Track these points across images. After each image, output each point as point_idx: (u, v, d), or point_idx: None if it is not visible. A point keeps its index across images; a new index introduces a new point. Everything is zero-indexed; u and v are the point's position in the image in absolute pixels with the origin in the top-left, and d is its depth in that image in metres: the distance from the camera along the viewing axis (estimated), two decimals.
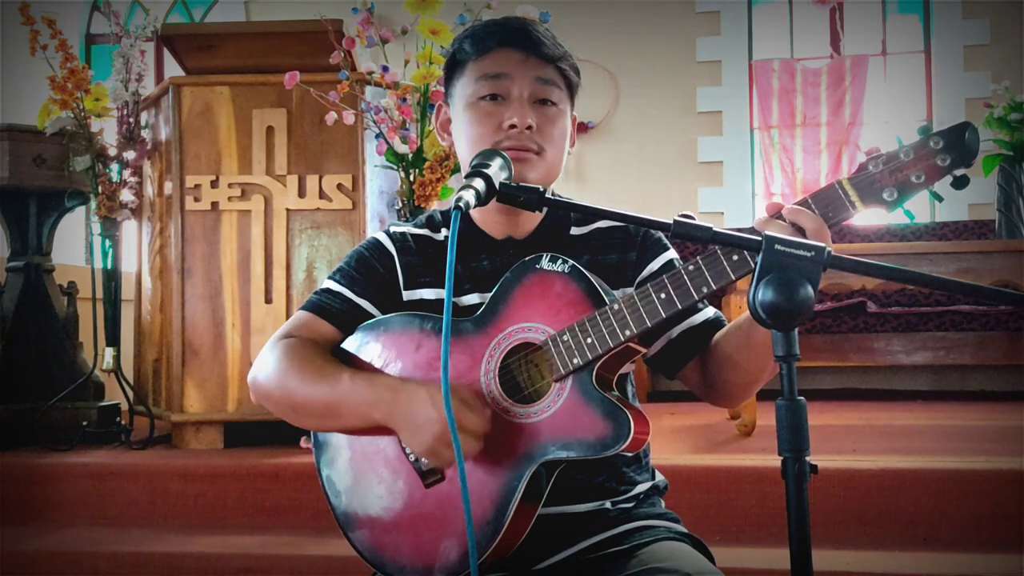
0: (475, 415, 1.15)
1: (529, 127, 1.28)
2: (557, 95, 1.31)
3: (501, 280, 1.24)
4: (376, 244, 1.39)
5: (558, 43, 1.32)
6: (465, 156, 1.34)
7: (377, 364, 1.29)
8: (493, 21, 1.35)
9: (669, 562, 1.19)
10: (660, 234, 1.37)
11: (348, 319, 1.33)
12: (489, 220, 1.36)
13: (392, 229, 1.41)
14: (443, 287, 1.31)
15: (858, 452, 2.62)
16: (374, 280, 1.36)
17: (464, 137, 1.33)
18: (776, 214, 1.10)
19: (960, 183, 1.03)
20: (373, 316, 1.33)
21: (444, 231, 1.39)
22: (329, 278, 1.38)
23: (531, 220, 1.35)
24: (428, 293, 1.35)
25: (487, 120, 1.29)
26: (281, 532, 2.49)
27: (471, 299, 1.32)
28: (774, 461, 0.97)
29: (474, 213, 1.36)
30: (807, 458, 0.93)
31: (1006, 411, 3.81)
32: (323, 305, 1.34)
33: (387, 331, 1.30)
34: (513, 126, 1.27)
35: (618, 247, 1.35)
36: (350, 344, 1.32)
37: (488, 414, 1.17)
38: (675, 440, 3.01)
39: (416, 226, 1.41)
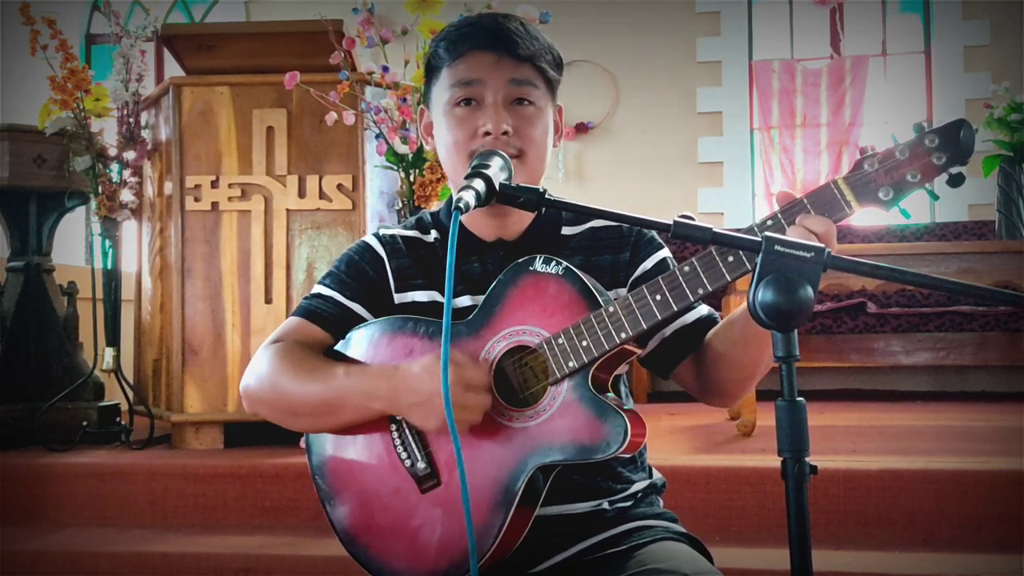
0: (475, 368, 1.15)
1: (505, 132, 1.25)
2: (535, 94, 1.29)
3: (494, 282, 1.22)
4: (365, 247, 1.38)
5: (534, 38, 1.28)
6: (444, 162, 1.32)
7: None
8: (467, 21, 1.32)
9: (667, 562, 1.18)
10: (653, 233, 1.36)
11: (340, 323, 1.32)
12: (478, 222, 1.34)
13: (381, 232, 1.39)
14: (435, 289, 1.31)
15: (858, 452, 2.62)
16: (365, 283, 1.34)
17: (442, 143, 1.32)
18: (788, 205, 1.08)
19: (956, 181, 1.02)
20: (365, 320, 1.32)
21: (434, 232, 1.37)
22: (319, 283, 1.37)
23: (521, 221, 1.34)
24: (420, 295, 1.33)
25: (462, 126, 1.27)
26: (281, 532, 2.49)
27: (463, 301, 1.31)
28: (774, 461, 0.97)
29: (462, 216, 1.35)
30: (807, 458, 0.94)
31: (1006, 411, 3.80)
32: (314, 310, 1.33)
33: (379, 335, 1.28)
34: (488, 133, 1.25)
35: (611, 247, 1.34)
36: (341, 348, 1.31)
37: (486, 367, 1.17)
38: (675, 440, 3.01)
39: (406, 228, 1.40)
